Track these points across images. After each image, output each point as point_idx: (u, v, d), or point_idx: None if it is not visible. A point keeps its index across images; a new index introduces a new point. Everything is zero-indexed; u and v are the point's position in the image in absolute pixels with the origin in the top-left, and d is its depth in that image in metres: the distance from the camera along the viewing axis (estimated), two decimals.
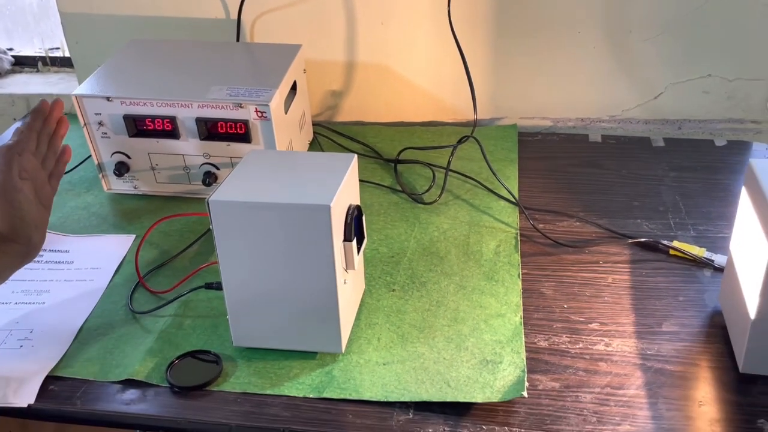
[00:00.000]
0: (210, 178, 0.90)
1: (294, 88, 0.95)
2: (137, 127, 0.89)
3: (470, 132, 0.99)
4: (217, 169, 0.90)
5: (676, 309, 0.72)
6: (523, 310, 0.72)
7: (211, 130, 0.87)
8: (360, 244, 0.68)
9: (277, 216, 0.60)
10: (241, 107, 0.85)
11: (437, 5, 1.00)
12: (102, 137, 0.90)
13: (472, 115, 1.01)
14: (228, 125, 0.86)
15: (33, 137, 0.73)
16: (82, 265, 0.81)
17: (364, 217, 0.69)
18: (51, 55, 1.28)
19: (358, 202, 0.69)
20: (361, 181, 0.95)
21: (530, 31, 1.02)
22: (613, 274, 0.77)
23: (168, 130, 0.88)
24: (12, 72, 1.28)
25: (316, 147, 1.04)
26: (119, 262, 0.82)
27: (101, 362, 0.67)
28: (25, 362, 0.67)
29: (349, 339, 0.69)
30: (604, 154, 1.01)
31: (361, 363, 0.67)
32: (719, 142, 1.02)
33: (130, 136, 0.89)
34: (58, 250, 0.84)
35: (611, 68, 1.03)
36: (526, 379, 0.63)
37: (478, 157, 0.97)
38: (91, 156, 0.92)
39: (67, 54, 1.23)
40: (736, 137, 1.05)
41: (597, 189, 0.93)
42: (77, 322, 0.72)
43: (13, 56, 1.29)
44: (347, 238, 0.64)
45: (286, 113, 0.90)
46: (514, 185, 0.93)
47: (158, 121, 0.87)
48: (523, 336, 0.69)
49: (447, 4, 0.97)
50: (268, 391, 0.63)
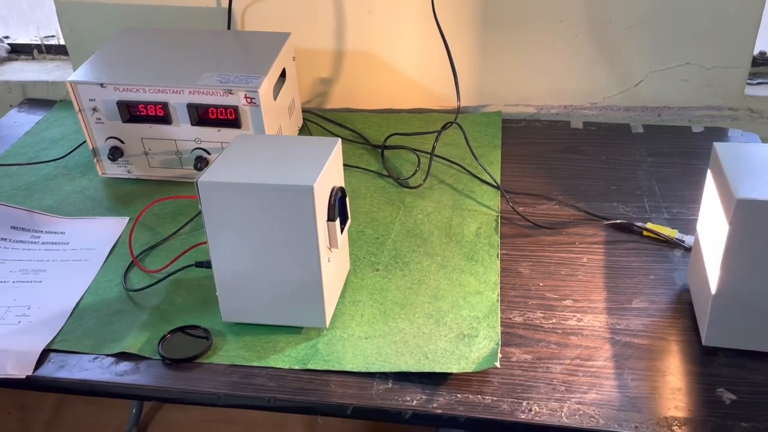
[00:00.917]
0: (201, 163, 0.93)
1: (283, 75, 0.98)
2: (130, 112, 0.91)
3: (455, 118, 1.02)
4: (208, 153, 0.93)
5: (647, 287, 0.75)
6: (501, 288, 0.76)
7: (202, 116, 0.90)
8: (343, 224, 0.71)
9: (263, 196, 0.63)
10: (231, 93, 0.87)
11: None
12: (96, 123, 0.92)
13: (457, 101, 1.03)
14: (219, 111, 0.89)
15: None
16: (78, 246, 0.84)
17: (347, 199, 0.72)
18: (47, 43, 1.30)
19: (342, 184, 0.72)
20: (349, 166, 0.99)
21: (515, 21, 1.04)
22: (588, 255, 0.80)
23: (160, 115, 0.90)
24: (8, 60, 1.31)
25: (305, 133, 1.07)
26: (113, 243, 0.85)
27: (96, 337, 0.71)
28: (24, 337, 0.70)
29: (334, 315, 0.72)
30: (585, 140, 1.04)
31: (344, 337, 0.70)
32: (696, 129, 1.05)
33: (123, 122, 0.92)
34: (54, 232, 0.87)
35: (593, 56, 1.06)
36: (499, 351, 0.66)
37: (463, 143, 1.00)
38: (86, 141, 0.94)
39: (62, 42, 1.26)
40: (714, 124, 1.08)
41: (577, 174, 0.96)
42: (73, 300, 0.75)
43: (9, 44, 1.31)
44: (331, 218, 0.67)
45: (275, 99, 0.93)
46: (496, 170, 0.96)
47: (151, 107, 0.90)
48: (500, 312, 0.72)
49: None
50: (255, 363, 0.67)
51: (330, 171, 0.68)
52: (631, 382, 0.64)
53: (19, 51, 1.31)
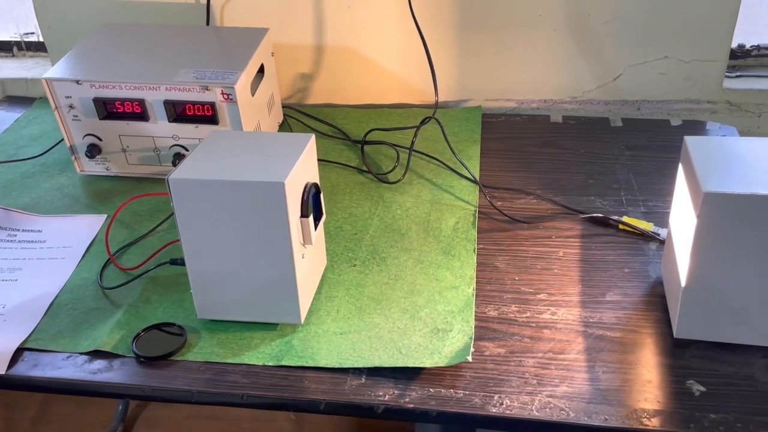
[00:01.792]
0: (179, 160, 0.93)
1: (261, 71, 0.98)
2: (107, 109, 0.91)
3: (433, 113, 1.02)
4: (186, 150, 0.93)
5: (621, 280, 0.75)
6: (477, 283, 0.76)
7: (179, 113, 0.90)
8: (318, 221, 0.71)
9: (234, 193, 0.63)
10: (208, 90, 0.87)
11: None
12: (73, 120, 0.92)
13: (435, 96, 1.03)
14: (196, 107, 0.89)
15: None
16: (54, 244, 0.84)
17: (322, 195, 0.72)
18: (26, 39, 1.30)
19: (317, 180, 0.72)
20: (329, 162, 0.99)
21: (494, 15, 1.04)
22: (564, 248, 0.81)
23: (137, 112, 0.90)
24: None
25: (285, 129, 1.07)
26: (90, 240, 0.84)
27: (70, 335, 0.70)
28: None
29: (310, 311, 0.72)
30: (565, 134, 1.04)
31: (319, 333, 0.70)
32: (675, 122, 1.05)
33: (100, 119, 0.91)
34: (31, 230, 0.86)
35: (572, 51, 1.06)
36: (472, 346, 0.66)
37: (443, 138, 1.00)
38: (63, 139, 0.94)
39: (42, 39, 1.25)
40: (692, 117, 1.08)
41: (555, 168, 0.96)
42: (48, 298, 0.75)
43: None
44: (304, 215, 0.67)
45: (253, 95, 0.93)
46: (476, 165, 0.97)
47: (128, 104, 0.90)
48: (474, 306, 0.72)
49: None
50: (229, 360, 0.67)
51: (303, 167, 0.68)
52: (602, 375, 0.64)
53: None
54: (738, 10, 1.00)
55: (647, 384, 0.63)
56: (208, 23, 1.09)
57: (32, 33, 1.29)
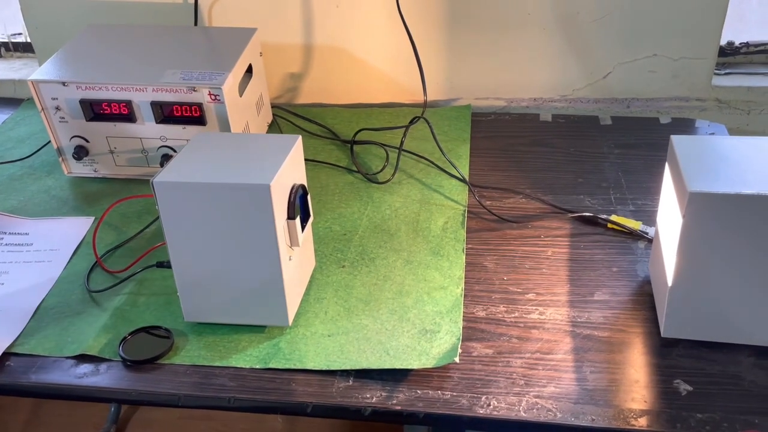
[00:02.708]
0: (167, 161, 0.92)
1: (250, 71, 0.97)
2: (94, 111, 0.90)
3: (422, 112, 1.01)
4: (174, 151, 0.92)
5: (609, 279, 0.75)
6: (465, 283, 0.76)
7: (166, 114, 0.89)
8: (305, 222, 0.71)
9: (219, 196, 0.63)
10: (195, 90, 0.87)
11: None
12: (60, 122, 0.92)
13: (424, 96, 1.03)
14: (183, 108, 0.88)
15: None
16: (41, 247, 0.83)
17: (309, 196, 0.71)
18: (13, 40, 1.29)
19: (304, 182, 0.72)
20: (319, 162, 0.98)
21: (483, 14, 1.04)
22: (552, 248, 0.81)
23: (124, 113, 0.90)
24: None
25: (275, 129, 1.06)
26: (77, 243, 0.84)
27: (57, 339, 0.70)
28: None
29: (298, 313, 0.72)
30: (554, 133, 1.04)
31: (307, 335, 0.70)
32: (664, 120, 1.06)
33: (87, 120, 0.91)
34: (18, 233, 0.86)
35: (561, 49, 1.06)
36: (459, 347, 0.66)
37: (432, 138, 0.99)
38: (50, 141, 0.93)
39: (29, 39, 1.24)
40: (682, 115, 1.08)
41: (544, 167, 0.96)
42: (34, 302, 0.75)
43: None
44: (290, 216, 0.67)
45: (240, 96, 0.92)
46: (465, 164, 0.96)
47: (114, 105, 0.89)
48: (463, 306, 0.72)
49: None
50: (216, 363, 0.66)
51: (289, 168, 0.67)
52: (589, 375, 0.64)
53: None
54: (726, 8, 1.00)
55: (634, 384, 0.63)
56: (195, 23, 1.09)
57: (19, 34, 1.29)
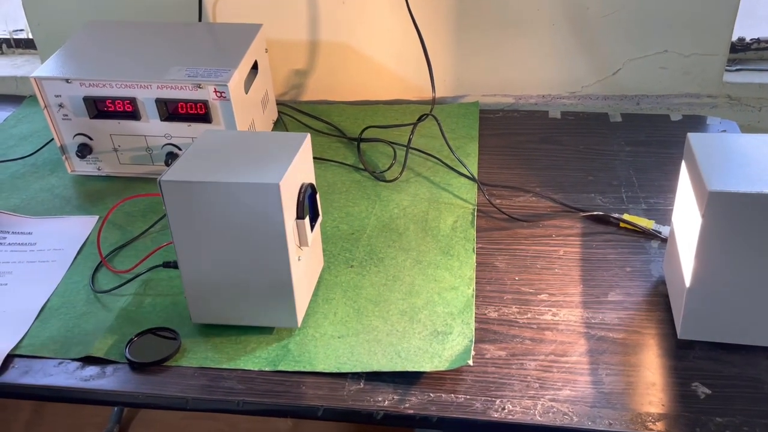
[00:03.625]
0: (172, 159, 0.91)
1: (255, 67, 0.96)
2: (98, 108, 0.89)
3: (430, 109, 1.00)
4: (179, 149, 0.91)
5: (623, 279, 0.74)
6: (476, 283, 0.75)
7: (171, 111, 0.88)
8: (314, 222, 0.69)
9: (228, 195, 0.62)
10: (200, 87, 0.85)
11: None
12: (63, 119, 0.90)
13: (432, 93, 1.02)
14: (188, 106, 0.87)
15: None
16: (45, 247, 0.82)
17: (318, 195, 0.70)
18: (15, 37, 1.27)
19: (313, 180, 0.71)
20: (325, 160, 0.97)
21: (492, 9, 1.03)
22: (564, 247, 0.79)
23: (129, 111, 0.88)
24: None
25: (280, 126, 1.05)
26: (82, 243, 0.83)
27: (62, 340, 0.69)
28: None
29: (306, 314, 0.71)
30: (563, 130, 1.03)
31: (316, 337, 0.69)
32: (675, 117, 1.04)
33: (91, 118, 0.89)
34: (21, 232, 0.85)
35: (570, 45, 1.04)
36: (472, 349, 0.65)
37: (440, 135, 0.98)
38: (54, 138, 0.92)
39: (31, 36, 1.23)
40: (692, 112, 1.07)
41: (554, 165, 0.95)
42: (39, 302, 0.74)
43: None
44: (300, 216, 0.66)
45: (246, 93, 0.91)
46: (474, 162, 0.95)
47: (119, 103, 0.88)
48: (474, 307, 0.71)
49: None
50: (224, 366, 0.65)
51: (298, 167, 0.66)
52: (605, 377, 0.63)
53: None
54: (738, 3, 0.99)
55: (651, 387, 0.62)
56: (200, 19, 1.07)
57: (21, 30, 1.27)
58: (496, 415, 0.59)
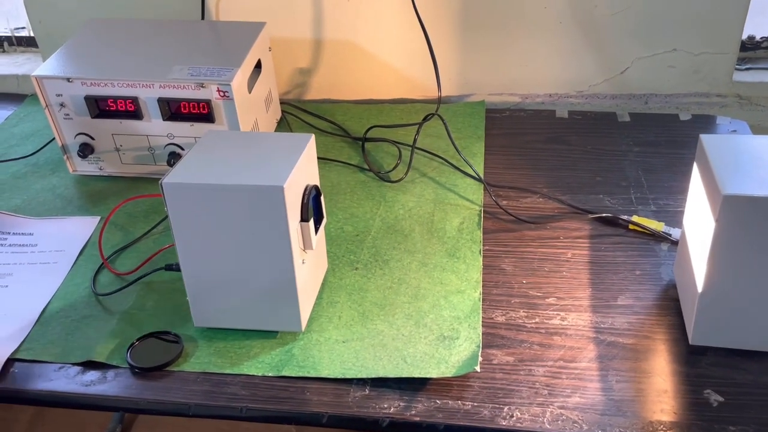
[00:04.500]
0: (175, 159, 0.90)
1: (258, 66, 0.94)
2: (99, 108, 0.88)
3: (435, 109, 0.99)
4: (182, 149, 0.90)
5: (632, 283, 0.73)
6: (483, 286, 0.73)
7: (174, 111, 0.87)
8: (318, 224, 0.68)
9: (231, 198, 0.61)
10: (203, 87, 0.84)
11: None
12: (64, 119, 0.89)
13: (438, 92, 1.01)
14: (191, 105, 0.86)
15: None
16: (46, 248, 0.81)
17: (322, 197, 0.69)
18: (17, 35, 1.26)
19: (317, 182, 0.69)
20: (329, 160, 0.96)
21: (498, 6, 1.01)
22: (572, 250, 0.78)
23: (131, 110, 0.87)
24: None
25: (284, 125, 1.04)
26: (83, 244, 0.82)
27: (63, 344, 0.68)
28: None
29: (311, 317, 0.70)
30: (570, 129, 1.01)
31: (321, 341, 0.68)
32: (684, 117, 1.03)
33: (92, 117, 0.88)
34: (22, 233, 0.84)
35: (578, 43, 1.03)
36: (480, 354, 0.64)
37: (446, 134, 0.97)
38: (55, 138, 0.91)
39: (32, 34, 1.22)
40: (701, 111, 1.05)
41: (561, 165, 0.93)
42: (39, 305, 0.73)
43: None
44: (304, 219, 0.64)
45: (250, 92, 0.90)
46: (480, 162, 0.94)
47: (120, 102, 0.87)
48: (481, 311, 0.70)
49: None
50: (227, 371, 0.64)
51: (302, 169, 0.65)
52: (615, 384, 0.62)
53: None
54: (749, 1, 0.97)
55: (663, 394, 0.60)
56: (203, 17, 1.06)
57: (23, 28, 1.26)
58: (504, 423, 0.58)
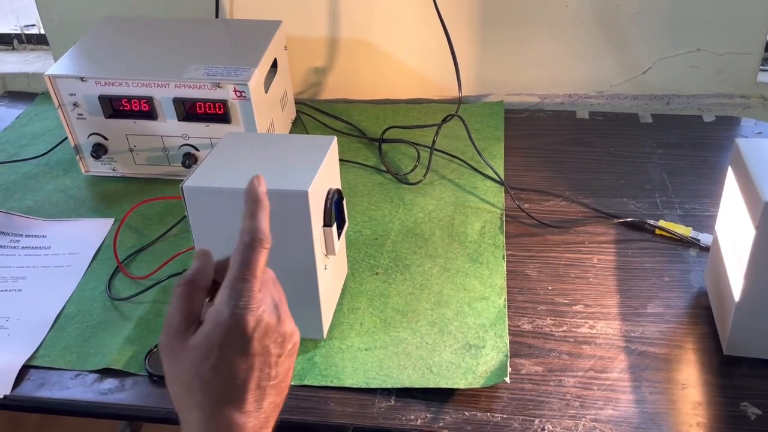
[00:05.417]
0: (190, 160, 0.88)
1: (274, 65, 0.93)
2: (113, 107, 0.86)
3: (456, 110, 0.97)
4: (197, 150, 0.88)
5: (662, 290, 0.71)
6: (508, 293, 0.72)
7: (189, 111, 0.85)
8: (340, 229, 0.66)
9: None
10: (220, 87, 0.82)
11: None
12: (78, 118, 0.88)
13: (459, 93, 0.99)
14: (207, 105, 0.84)
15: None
16: (60, 251, 0.80)
17: (344, 201, 0.67)
18: (27, 32, 1.25)
19: (339, 186, 0.68)
20: (345, 161, 0.94)
21: (518, 5, 0.99)
22: (598, 255, 0.76)
23: (145, 110, 0.85)
24: None
25: (299, 126, 1.02)
26: (97, 247, 0.80)
27: (78, 351, 0.66)
28: (1, 352, 0.66)
29: (331, 324, 0.68)
30: (592, 131, 0.99)
31: (343, 349, 0.66)
32: (707, 118, 1.01)
33: (106, 117, 0.87)
34: (35, 235, 0.82)
35: (599, 43, 1.01)
36: (509, 364, 0.62)
37: (464, 136, 0.95)
38: (67, 138, 0.89)
39: (43, 31, 1.20)
40: (724, 112, 1.03)
41: (583, 167, 0.92)
42: (54, 310, 0.71)
43: None
44: (327, 224, 0.63)
45: (266, 92, 0.88)
46: (500, 164, 0.92)
47: (135, 102, 0.85)
48: (507, 319, 0.68)
49: None
50: None
51: (325, 173, 0.63)
52: (648, 395, 0.60)
53: None
54: None
55: (698, 406, 0.59)
56: (217, 16, 1.04)
57: (33, 25, 1.24)
58: None
